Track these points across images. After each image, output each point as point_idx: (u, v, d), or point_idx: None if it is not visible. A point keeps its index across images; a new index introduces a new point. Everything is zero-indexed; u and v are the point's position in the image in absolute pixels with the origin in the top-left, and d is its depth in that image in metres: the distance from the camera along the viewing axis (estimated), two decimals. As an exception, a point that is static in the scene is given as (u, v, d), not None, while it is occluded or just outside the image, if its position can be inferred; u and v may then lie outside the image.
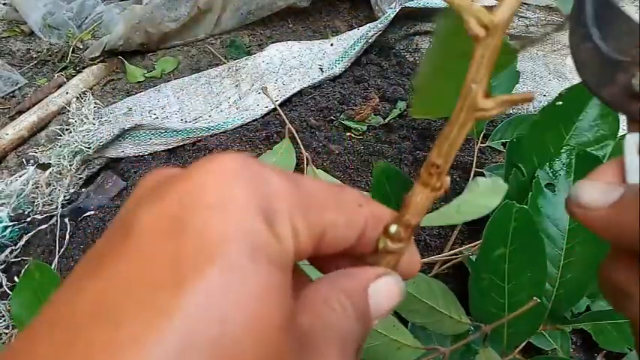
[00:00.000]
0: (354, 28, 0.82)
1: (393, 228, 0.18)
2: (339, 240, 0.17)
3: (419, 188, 0.19)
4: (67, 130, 0.69)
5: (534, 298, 0.39)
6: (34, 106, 0.76)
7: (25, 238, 0.60)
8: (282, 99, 0.72)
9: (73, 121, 0.69)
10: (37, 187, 0.63)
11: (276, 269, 0.14)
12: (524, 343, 0.44)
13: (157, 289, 0.12)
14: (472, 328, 0.43)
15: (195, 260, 0.13)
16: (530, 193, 0.46)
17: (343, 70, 0.76)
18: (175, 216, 0.14)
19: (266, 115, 0.72)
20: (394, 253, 0.19)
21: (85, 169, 0.67)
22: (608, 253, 0.20)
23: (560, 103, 0.55)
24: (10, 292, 0.56)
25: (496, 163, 0.65)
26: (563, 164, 0.48)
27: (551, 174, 0.48)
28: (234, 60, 0.79)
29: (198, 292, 0.12)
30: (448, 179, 0.19)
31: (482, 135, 0.63)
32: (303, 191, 0.16)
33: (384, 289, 0.18)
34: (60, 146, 0.67)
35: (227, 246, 0.13)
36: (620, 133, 0.57)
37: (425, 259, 0.52)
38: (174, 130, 0.68)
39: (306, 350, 0.15)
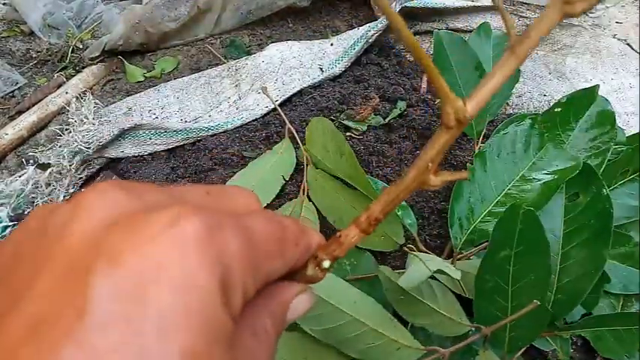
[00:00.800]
0: (354, 28, 0.82)
1: (327, 264, 0.21)
2: (274, 278, 0.19)
3: (354, 231, 0.21)
4: (66, 130, 0.69)
5: (535, 301, 0.39)
6: (33, 106, 0.75)
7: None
8: (282, 99, 0.72)
9: (73, 121, 0.69)
10: (36, 187, 0.63)
11: (227, 348, 0.14)
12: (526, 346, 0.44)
13: None
14: (473, 330, 0.43)
15: (157, 355, 0.13)
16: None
17: (343, 69, 0.76)
18: (134, 294, 0.13)
19: (266, 115, 0.72)
20: (317, 278, 0.21)
21: (84, 169, 0.67)
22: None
23: (559, 109, 0.56)
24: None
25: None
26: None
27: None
28: (234, 60, 0.79)
29: None
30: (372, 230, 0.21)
31: (482, 135, 0.63)
32: (253, 245, 0.17)
33: (301, 302, 0.20)
34: (60, 146, 0.67)
35: (187, 334, 0.13)
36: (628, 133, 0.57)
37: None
38: (174, 130, 0.68)
39: None
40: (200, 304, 0.14)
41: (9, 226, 0.60)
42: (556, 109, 0.56)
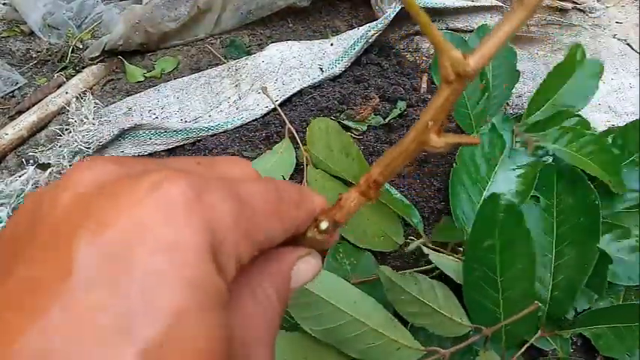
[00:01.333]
0: (354, 28, 0.82)
1: (324, 225, 0.20)
2: (275, 243, 0.18)
3: (354, 194, 0.20)
4: (66, 130, 0.69)
5: (535, 302, 0.39)
6: (33, 106, 0.75)
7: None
8: (282, 99, 0.72)
9: (73, 121, 0.69)
10: (36, 187, 0.63)
11: (220, 310, 0.14)
12: (526, 346, 0.45)
13: (98, 343, 0.12)
14: (473, 330, 0.43)
15: (143, 315, 0.12)
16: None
17: (343, 70, 0.76)
18: (120, 255, 0.13)
19: (266, 115, 0.72)
20: (319, 242, 0.21)
21: (84, 169, 0.67)
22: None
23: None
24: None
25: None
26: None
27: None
28: (234, 60, 0.79)
29: (143, 343, 0.12)
30: (377, 195, 0.20)
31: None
32: (247, 208, 0.16)
33: (303, 268, 0.20)
34: (60, 146, 0.67)
35: (174, 293, 0.13)
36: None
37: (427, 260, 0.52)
38: (174, 130, 0.68)
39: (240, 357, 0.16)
40: (187, 264, 0.13)
41: (9, 226, 0.60)
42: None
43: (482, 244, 0.42)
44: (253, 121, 0.71)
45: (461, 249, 0.51)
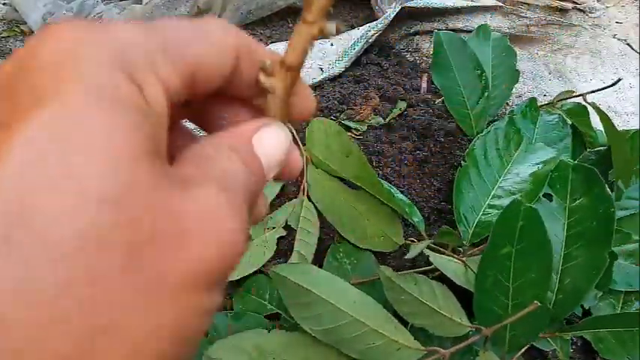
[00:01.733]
0: (354, 28, 0.82)
1: (267, 62, 0.18)
2: (212, 75, 0.16)
3: (297, 27, 0.18)
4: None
5: (535, 301, 0.39)
6: (33, 106, 0.75)
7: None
8: (282, 99, 0.72)
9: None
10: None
11: (136, 113, 0.13)
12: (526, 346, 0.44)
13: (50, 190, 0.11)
14: (473, 330, 0.43)
15: (34, 98, 0.12)
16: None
17: (343, 70, 0.76)
18: (10, 76, 0.13)
19: (266, 115, 0.72)
20: (274, 93, 0.19)
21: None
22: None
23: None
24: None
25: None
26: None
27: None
28: (234, 60, 0.79)
29: (33, 126, 0.12)
30: (330, 26, 0.18)
31: (478, 136, 0.63)
32: (162, 33, 0.15)
33: (267, 138, 0.18)
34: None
35: (73, 86, 0.12)
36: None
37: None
38: (174, 130, 0.68)
39: (181, 187, 0.14)
40: (86, 69, 0.13)
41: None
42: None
43: (500, 250, 0.41)
44: (253, 121, 0.71)
45: (460, 249, 0.51)
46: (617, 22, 0.89)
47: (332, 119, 0.70)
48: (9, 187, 0.11)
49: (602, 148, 0.57)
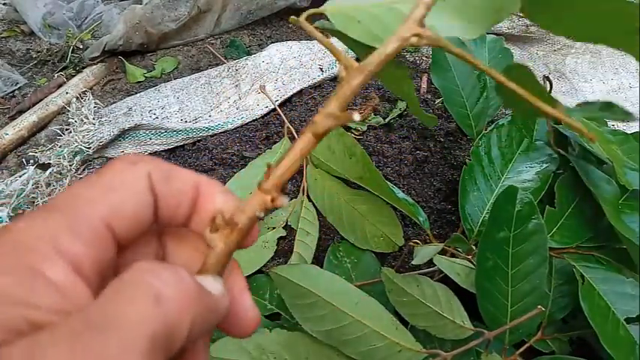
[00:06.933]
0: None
1: (218, 216, 0.18)
2: (131, 220, 0.17)
3: (254, 191, 0.18)
4: (67, 130, 0.69)
5: (538, 306, 0.39)
6: (34, 106, 0.75)
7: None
8: (282, 99, 0.72)
9: (73, 121, 0.69)
10: (37, 187, 0.63)
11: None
12: (525, 346, 0.45)
13: None
14: (475, 333, 0.43)
15: None
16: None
17: (343, 70, 0.76)
18: None
19: (266, 115, 0.72)
20: (215, 250, 0.18)
21: (85, 169, 0.67)
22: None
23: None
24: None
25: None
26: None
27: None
28: (234, 60, 0.79)
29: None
30: (283, 199, 0.18)
31: (481, 135, 0.63)
32: (64, 208, 0.16)
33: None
34: (60, 146, 0.67)
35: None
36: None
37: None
38: (174, 130, 0.68)
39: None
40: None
41: (9, 226, 0.60)
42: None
43: (497, 235, 0.43)
44: (253, 121, 0.71)
45: (460, 251, 0.51)
46: (616, 22, 0.89)
47: (332, 119, 0.70)
48: None
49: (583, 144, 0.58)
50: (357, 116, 0.18)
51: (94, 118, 0.69)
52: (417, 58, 0.82)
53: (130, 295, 0.14)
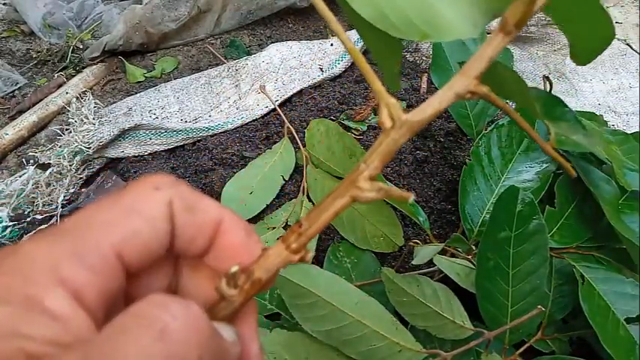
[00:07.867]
0: (354, 28, 0.82)
1: (234, 269, 0.17)
2: (144, 248, 0.17)
3: (278, 245, 0.18)
4: (67, 130, 0.69)
5: (538, 306, 0.39)
6: (34, 106, 0.75)
7: (25, 238, 0.60)
8: (282, 99, 0.72)
9: (73, 121, 0.69)
10: (37, 187, 0.63)
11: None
12: (525, 346, 0.45)
13: None
14: (475, 333, 0.43)
15: None
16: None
17: (343, 70, 0.76)
18: None
19: (266, 115, 0.72)
20: (231, 304, 0.18)
21: (84, 169, 0.67)
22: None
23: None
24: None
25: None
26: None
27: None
28: (234, 60, 0.79)
29: None
30: (310, 255, 0.18)
31: (481, 135, 0.63)
32: (73, 233, 0.16)
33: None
34: (60, 146, 0.67)
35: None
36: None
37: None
38: (174, 130, 0.68)
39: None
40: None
41: (9, 226, 0.60)
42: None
43: (498, 235, 0.43)
44: (253, 121, 0.71)
45: (460, 251, 0.51)
46: (616, 23, 0.89)
47: (332, 119, 0.70)
48: None
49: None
50: (411, 198, 0.17)
51: (94, 118, 0.69)
52: (417, 58, 0.82)
53: (134, 330, 0.14)
